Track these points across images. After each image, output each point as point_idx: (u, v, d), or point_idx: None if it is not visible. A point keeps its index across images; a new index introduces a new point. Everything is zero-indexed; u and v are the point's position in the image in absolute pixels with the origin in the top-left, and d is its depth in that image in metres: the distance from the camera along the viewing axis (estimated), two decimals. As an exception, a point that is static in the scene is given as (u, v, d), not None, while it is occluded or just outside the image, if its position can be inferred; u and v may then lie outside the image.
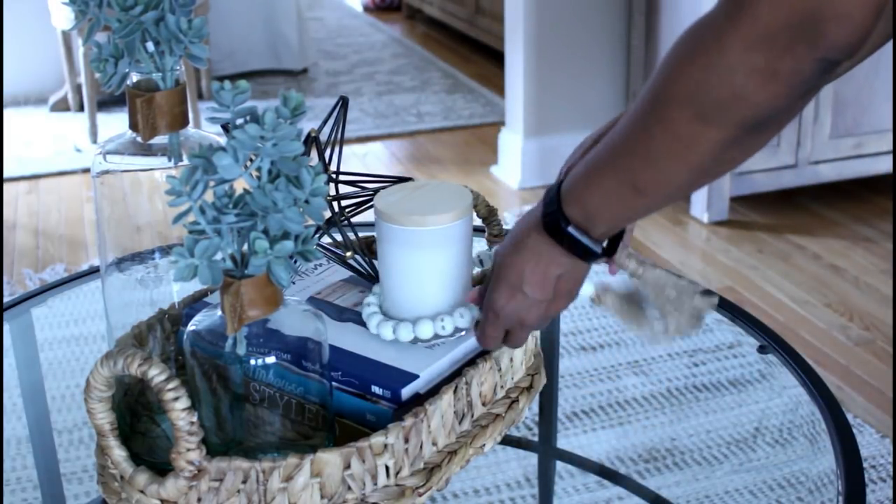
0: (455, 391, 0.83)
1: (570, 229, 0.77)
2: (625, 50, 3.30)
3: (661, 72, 0.69)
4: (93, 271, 1.21)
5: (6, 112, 4.08)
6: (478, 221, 0.97)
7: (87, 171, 3.44)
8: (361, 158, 3.68)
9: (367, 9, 6.19)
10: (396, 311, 0.89)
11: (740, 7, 0.63)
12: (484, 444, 0.86)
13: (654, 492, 1.61)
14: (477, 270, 1.00)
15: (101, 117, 3.89)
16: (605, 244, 0.79)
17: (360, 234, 0.98)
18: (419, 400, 0.81)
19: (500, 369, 0.89)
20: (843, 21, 0.60)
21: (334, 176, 0.98)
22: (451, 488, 0.80)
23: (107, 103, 4.07)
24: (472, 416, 0.86)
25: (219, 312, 0.74)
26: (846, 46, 0.62)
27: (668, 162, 0.70)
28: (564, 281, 0.80)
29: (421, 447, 0.80)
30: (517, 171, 3.33)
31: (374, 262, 0.96)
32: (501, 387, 0.89)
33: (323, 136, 0.95)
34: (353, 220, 0.98)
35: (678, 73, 0.67)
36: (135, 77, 0.83)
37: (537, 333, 1.01)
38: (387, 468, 0.77)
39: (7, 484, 1.78)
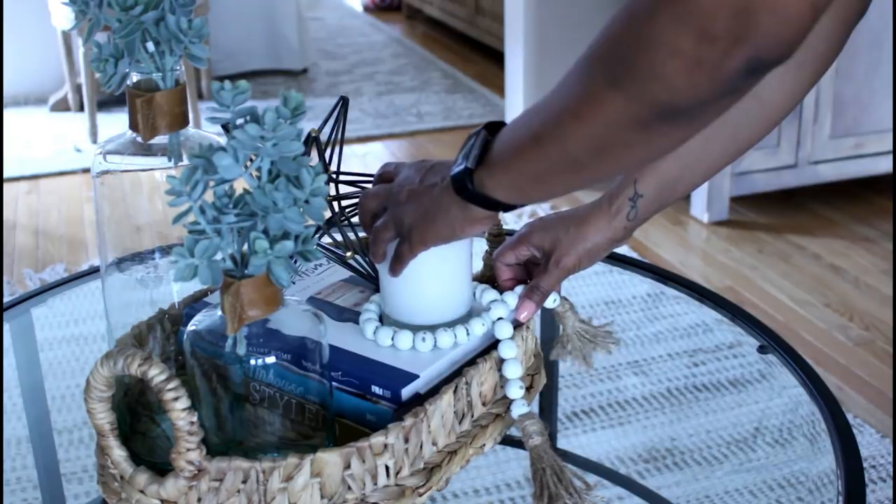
0: (455, 391, 0.83)
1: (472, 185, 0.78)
2: (625, 50, 3.30)
3: (598, 34, 0.67)
4: (93, 271, 1.21)
5: (6, 112, 4.08)
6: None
7: (87, 171, 3.44)
8: (361, 158, 3.68)
9: (367, 9, 6.20)
10: (396, 313, 0.90)
11: None
12: (484, 444, 0.86)
13: (654, 492, 1.61)
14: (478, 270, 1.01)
15: (101, 117, 3.89)
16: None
17: (360, 234, 0.98)
18: (419, 400, 0.81)
19: (500, 369, 0.89)
20: (778, 16, 0.57)
21: (334, 176, 0.98)
22: (451, 488, 0.80)
23: (107, 103, 4.07)
24: (472, 416, 0.86)
25: (219, 312, 0.74)
26: (778, 44, 0.59)
27: (572, 120, 0.68)
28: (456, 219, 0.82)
29: (421, 447, 0.80)
30: (517, 171, 3.33)
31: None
32: (501, 387, 0.89)
33: (323, 136, 0.95)
34: (354, 220, 0.98)
35: (609, 36, 0.65)
36: (135, 77, 0.83)
37: (538, 333, 1.01)
38: (387, 468, 0.77)
39: (7, 484, 1.78)
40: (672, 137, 0.67)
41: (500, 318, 0.90)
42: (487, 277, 1.00)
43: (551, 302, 0.94)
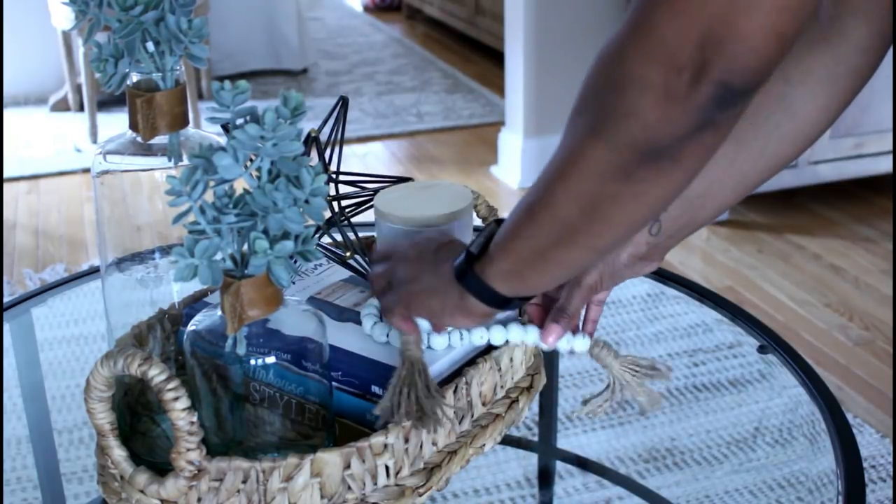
0: (455, 391, 0.83)
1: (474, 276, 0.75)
2: (625, 50, 3.30)
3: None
4: (93, 271, 1.21)
5: (6, 112, 4.08)
6: (478, 221, 0.98)
7: (87, 171, 3.44)
8: (361, 158, 3.68)
9: (367, 9, 6.20)
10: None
11: (642, 21, 0.59)
12: (484, 444, 0.86)
13: (654, 492, 1.61)
14: None
15: (101, 117, 3.89)
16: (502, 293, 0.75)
17: (360, 234, 0.98)
18: (419, 400, 0.81)
19: (500, 369, 0.89)
20: (744, 44, 0.57)
21: (334, 176, 0.98)
22: (451, 488, 0.80)
23: (107, 103, 4.07)
24: (472, 416, 0.86)
25: (219, 312, 0.74)
26: (746, 72, 0.58)
27: (556, 179, 0.66)
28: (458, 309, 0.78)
29: (421, 447, 0.80)
30: (517, 171, 3.33)
31: (374, 262, 0.96)
32: (501, 387, 0.89)
33: (323, 136, 0.95)
34: (353, 220, 0.98)
35: (584, 84, 0.64)
36: (135, 77, 0.83)
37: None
38: (387, 468, 0.77)
39: (7, 484, 1.78)
40: (660, 185, 0.64)
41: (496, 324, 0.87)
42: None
43: (583, 345, 0.88)
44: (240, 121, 0.68)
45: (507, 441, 0.85)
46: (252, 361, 0.75)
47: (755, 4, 0.56)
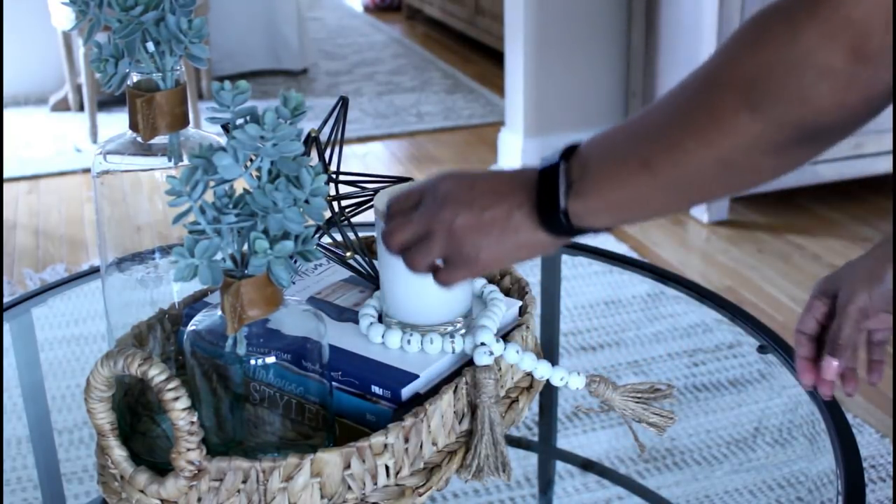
0: (455, 391, 0.83)
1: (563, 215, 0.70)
2: (625, 50, 3.30)
3: (718, 54, 0.62)
4: (93, 271, 1.21)
5: (6, 112, 4.08)
6: (478, 221, 0.97)
7: (87, 171, 3.44)
8: (361, 158, 3.68)
9: (367, 9, 6.20)
10: (396, 312, 0.90)
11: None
12: (484, 444, 0.86)
13: (653, 492, 1.61)
14: None
15: (102, 117, 3.89)
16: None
17: (360, 234, 0.98)
18: (419, 400, 0.81)
19: (499, 369, 0.88)
20: None
21: (334, 176, 0.98)
22: (451, 488, 0.80)
23: (107, 103, 4.07)
24: (473, 416, 0.86)
25: (219, 312, 0.74)
26: None
27: (697, 145, 0.62)
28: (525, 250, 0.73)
29: (421, 447, 0.80)
30: (517, 171, 3.33)
31: (374, 262, 0.96)
32: (501, 387, 0.89)
33: (323, 136, 0.95)
34: (353, 220, 0.98)
35: (740, 57, 0.60)
36: (135, 77, 0.83)
37: (538, 333, 1.01)
38: (387, 468, 0.77)
39: (7, 484, 1.78)
40: (801, 160, 0.62)
41: (482, 344, 0.85)
42: (490, 277, 1.01)
43: (579, 382, 0.86)
44: (240, 121, 0.69)
45: (508, 441, 0.85)
46: (252, 361, 0.75)
47: None
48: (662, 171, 0.65)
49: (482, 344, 0.85)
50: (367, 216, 0.99)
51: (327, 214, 0.93)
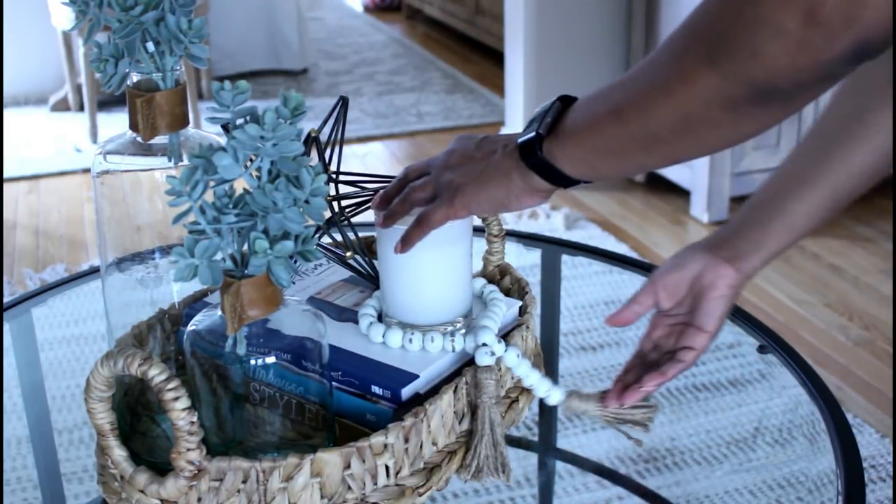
0: (455, 391, 0.83)
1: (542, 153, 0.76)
2: (625, 50, 3.30)
3: (695, 10, 0.65)
4: (93, 271, 1.21)
5: (6, 112, 4.08)
6: (478, 221, 0.97)
7: (87, 171, 3.44)
8: (361, 158, 3.68)
9: (367, 9, 6.20)
10: (396, 312, 0.90)
11: None
12: (484, 444, 0.86)
13: (653, 492, 1.61)
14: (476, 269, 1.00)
15: (102, 117, 3.89)
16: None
17: (360, 234, 0.98)
18: (419, 400, 0.81)
19: (499, 369, 0.88)
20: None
21: (334, 176, 0.98)
22: (450, 488, 0.80)
23: (107, 103, 4.07)
24: (473, 416, 0.86)
25: (219, 312, 0.74)
26: (887, 29, 0.56)
27: (661, 94, 0.67)
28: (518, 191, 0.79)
29: (421, 447, 0.80)
30: (517, 171, 3.33)
31: (374, 262, 0.96)
32: (501, 387, 0.89)
33: (323, 136, 0.95)
34: (353, 220, 0.98)
35: (710, 11, 0.63)
36: (135, 77, 0.83)
37: (538, 333, 1.01)
38: (387, 468, 0.77)
39: (7, 484, 1.78)
40: (759, 121, 0.65)
41: (484, 345, 0.85)
42: (489, 276, 1.01)
43: (557, 397, 0.87)
44: (240, 121, 0.68)
45: (508, 441, 0.85)
46: (252, 361, 0.75)
47: None
48: (631, 120, 0.70)
49: (484, 345, 0.85)
50: (367, 216, 0.99)
51: (327, 214, 0.93)
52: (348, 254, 0.96)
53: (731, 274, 0.87)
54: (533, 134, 0.77)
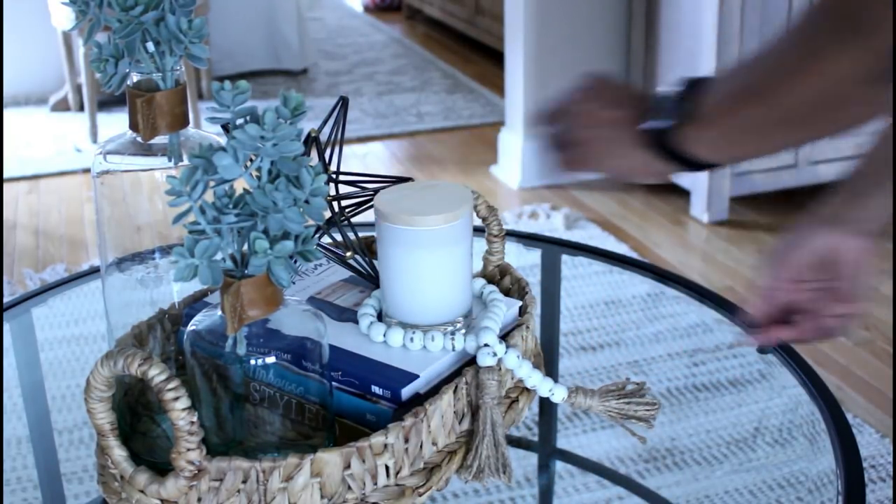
0: (455, 391, 0.83)
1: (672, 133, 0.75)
2: (625, 50, 3.30)
3: None
4: (93, 271, 1.21)
5: (6, 112, 4.08)
6: (478, 221, 0.97)
7: (87, 171, 3.44)
8: (361, 158, 3.68)
9: (367, 9, 6.20)
10: (397, 312, 0.90)
11: None
12: (484, 444, 0.86)
13: (654, 492, 1.62)
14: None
15: (102, 117, 3.89)
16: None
17: (360, 234, 0.98)
18: (419, 400, 0.81)
19: (500, 370, 0.88)
20: None
21: (334, 176, 0.98)
22: (451, 488, 0.80)
23: (107, 103, 4.07)
24: (473, 416, 0.86)
25: (219, 312, 0.74)
26: None
27: (798, 73, 0.67)
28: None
29: (421, 447, 0.80)
30: (517, 170, 3.33)
31: (374, 262, 0.96)
32: (502, 387, 0.89)
33: (323, 136, 0.95)
34: (353, 220, 0.98)
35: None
36: (135, 77, 0.83)
37: (538, 333, 1.01)
38: (387, 468, 0.77)
39: (7, 484, 1.78)
40: (888, 104, 0.65)
41: (486, 345, 0.85)
42: (489, 276, 1.01)
43: (560, 395, 0.88)
44: (240, 121, 0.68)
45: (508, 441, 0.85)
46: (252, 361, 0.75)
47: None
48: (766, 101, 0.69)
49: (486, 345, 0.85)
50: (367, 216, 0.99)
51: (327, 214, 0.93)
52: (348, 254, 0.96)
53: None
54: (661, 124, 0.76)
